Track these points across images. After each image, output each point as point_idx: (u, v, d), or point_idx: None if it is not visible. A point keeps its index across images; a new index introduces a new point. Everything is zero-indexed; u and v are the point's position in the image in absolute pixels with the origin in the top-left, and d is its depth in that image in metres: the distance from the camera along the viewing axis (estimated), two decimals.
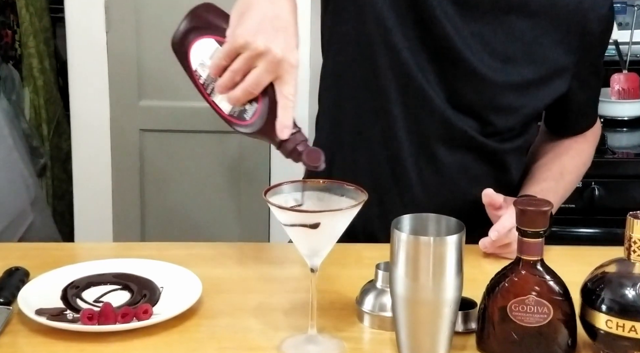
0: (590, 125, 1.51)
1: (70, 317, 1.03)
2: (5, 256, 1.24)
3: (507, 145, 1.39)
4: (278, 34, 1.02)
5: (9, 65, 2.80)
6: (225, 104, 1.05)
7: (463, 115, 1.34)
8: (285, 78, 1.02)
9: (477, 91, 1.33)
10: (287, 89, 1.02)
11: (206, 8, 1.10)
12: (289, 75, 1.02)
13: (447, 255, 0.91)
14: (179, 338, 1.02)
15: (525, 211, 0.93)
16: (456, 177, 1.36)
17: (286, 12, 1.06)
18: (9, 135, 2.55)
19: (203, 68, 1.07)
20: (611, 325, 0.92)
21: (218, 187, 2.59)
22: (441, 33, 1.28)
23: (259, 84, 1.01)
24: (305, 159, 1.00)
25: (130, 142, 2.56)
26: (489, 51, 1.31)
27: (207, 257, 1.29)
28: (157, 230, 2.61)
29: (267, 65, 1.01)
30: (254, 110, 1.03)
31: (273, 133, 1.02)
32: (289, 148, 1.02)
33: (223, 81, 1.04)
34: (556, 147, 1.48)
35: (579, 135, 1.49)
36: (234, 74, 1.02)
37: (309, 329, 1.01)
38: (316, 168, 1.00)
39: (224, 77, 1.03)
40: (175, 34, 1.10)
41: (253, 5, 1.04)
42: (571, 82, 1.38)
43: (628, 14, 2.43)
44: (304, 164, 1.01)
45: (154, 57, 2.50)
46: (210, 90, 1.07)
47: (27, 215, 2.55)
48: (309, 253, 0.98)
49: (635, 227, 0.92)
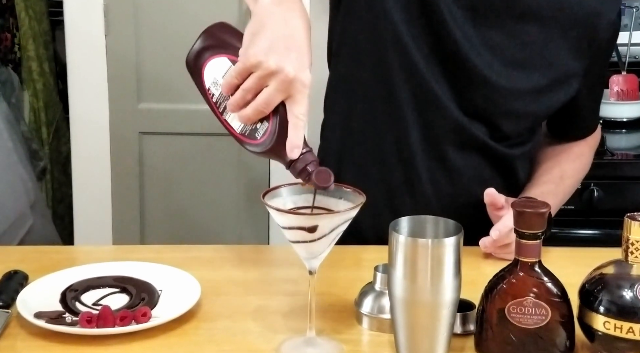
0: (592, 130, 1.51)
1: (69, 320, 1.04)
2: (4, 259, 1.24)
3: (516, 150, 1.40)
4: (290, 54, 1.01)
5: (9, 68, 2.81)
6: (236, 122, 1.05)
7: (473, 120, 1.34)
8: (296, 98, 1.01)
9: (487, 97, 1.33)
10: (298, 108, 1.01)
11: (220, 27, 1.09)
12: (301, 94, 1.01)
13: (445, 257, 0.91)
14: (178, 341, 1.02)
15: (522, 213, 0.93)
16: (467, 181, 1.37)
17: (300, 32, 1.05)
18: (9, 138, 2.55)
19: (216, 86, 1.07)
20: (609, 327, 0.92)
21: (217, 189, 2.59)
22: (451, 39, 1.29)
23: (270, 103, 1.00)
24: (315, 179, 0.99)
25: (130, 144, 2.56)
26: (499, 57, 1.31)
27: (206, 260, 1.29)
28: (156, 233, 2.61)
29: (279, 84, 1.00)
30: (265, 130, 1.03)
31: (283, 152, 1.01)
32: (299, 168, 1.00)
33: (234, 99, 1.03)
34: (557, 150, 1.48)
35: (580, 139, 1.50)
36: (245, 92, 1.02)
37: (307, 331, 1.01)
38: (326, 188, 0.99)
39: (236, 96, 1.03)
40: (190, 52, 1.09)
41: (266, 25, 1.03)
42: (580, 88, 1.38)
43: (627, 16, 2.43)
44: (314, 184, 1.00)
45: (153, 60, 2.50)
46: (222, 109, 1.06)
47: (26, 218, 2.55)
48: (307, 255, 0.98)
49: (633, 228, 0.93)
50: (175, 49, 2.20)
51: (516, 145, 1.40)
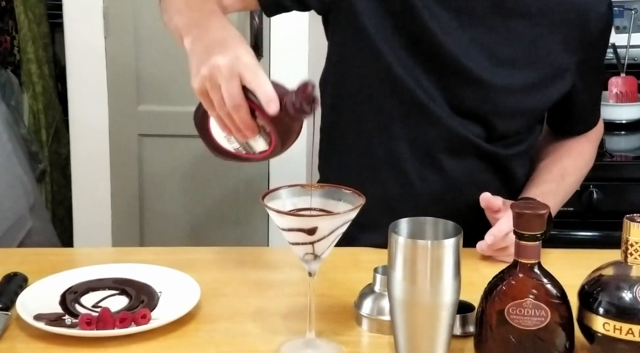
0: (592, 125, 1.51)
1: (69, 322, 1.04)
2: (4, 261, 1.24)
3: (512, 149, 1.40)
4: (213, 53, 1.01)
5: (8, 70, 2.80)
6: (257, 143, 1.03)
7: (467, 121, 1.34)
8: (246, 75, 0.99)
9: (479, 96, 1.33)
10: (254, 79, 0.99)
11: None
12: (248, 70, 0.99)
13: (445, 259, 0.91)
14: (178, 343, 1.03)
15: (522, 214, 0.93)
16: (462, 185, 1.37)
17: (216, 34, 1.07)
18: (8, 140, 2.55)
19: (228, 139, 1.06)
20: (608, 328, 0.93)
21: (217, 191, 2.59)
22: (435, 42, 1.29)
23: (233, 94, 0.99)
24: (306, 105, 0.96)
25: (129, 147, 2.56)
26: (488, 56, 1.31)
27: (205, 262, 1.29)
28: (155, 235, 2.61)
29: (222, 77, 0.99)
30: (267, 135, 1.02)
31: (293, 135, 1.00)
32: (292, 111, 0.97)
33: (222, 125, 1.02)
34: (558, 148, 1.48)
35: (581, 135, 1.49)
36: (219, 110, 1.00)
37: (307, 333, 1.01)
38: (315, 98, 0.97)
39: (220, 122, 1.02)
40: (194, 119, 1.08)
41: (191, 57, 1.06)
42: (575, 82, 1.38)
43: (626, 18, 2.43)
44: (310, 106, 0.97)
45: (153, 62, 2.50)
46: (243, 148, 1.06)
47: (26, 221, 2.55)
48: (306, 257, 0.98)
49: (632, 229, 0.93)
50: (174, 51, 2.20)
51: (513, 144, 1.40)
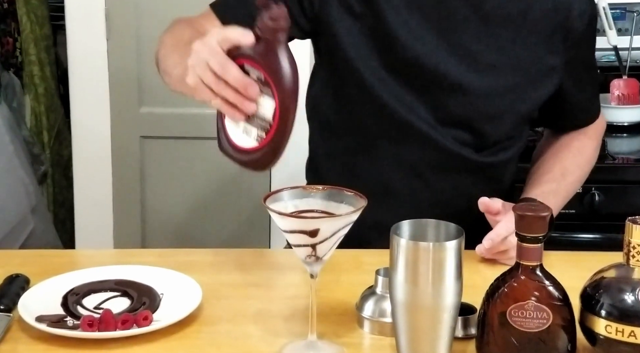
0: (590, 120, 1.50)
1: (71, 324, 1.04)
2: (6, 263, 1.24)
3: (503, 155, 1.40)
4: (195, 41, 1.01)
5: (10, 72, 2.81)
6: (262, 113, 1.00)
7: (455, 130, 1.34)
8: (216, 38, 0.98)
9: (464, 103, 1.33)
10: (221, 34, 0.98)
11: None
12: (216, 34, 0.98)
13: (447, 261, 0.91)
14: (179, 345, 1.03)
15: (524, 216, 0.93)
16: (450, 199, 1.37)
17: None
18: (10, 142, 2.55)
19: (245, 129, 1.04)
20: (610, 330, 0.92)
21: (218, 193, 2.59)
22: (412, 55, 1.29)
23: (219, 60, 0.97)
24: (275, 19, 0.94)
25: (131, 148, 2.56)
26: (468, 61, 1.31)
27: (207, 264, 1.29)
28: (157, 236, 2.61)
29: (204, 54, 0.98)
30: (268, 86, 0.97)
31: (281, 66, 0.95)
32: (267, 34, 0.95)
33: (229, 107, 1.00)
34: (557, 147, 1.47)
35: (580, 132, 1.48)
36: (218, 87, 0.99)
37: (308, 335, 1.01)
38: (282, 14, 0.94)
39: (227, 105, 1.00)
40: (219, 145, 1.09)
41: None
42: (565, 82, 1.38)
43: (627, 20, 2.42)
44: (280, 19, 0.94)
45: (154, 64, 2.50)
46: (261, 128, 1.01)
47: (27, 222, 2.55)
48: (308, 259, 0.98)
49: (634, 232, 0.93)
50: None
51: (504, 149, 1.40)
